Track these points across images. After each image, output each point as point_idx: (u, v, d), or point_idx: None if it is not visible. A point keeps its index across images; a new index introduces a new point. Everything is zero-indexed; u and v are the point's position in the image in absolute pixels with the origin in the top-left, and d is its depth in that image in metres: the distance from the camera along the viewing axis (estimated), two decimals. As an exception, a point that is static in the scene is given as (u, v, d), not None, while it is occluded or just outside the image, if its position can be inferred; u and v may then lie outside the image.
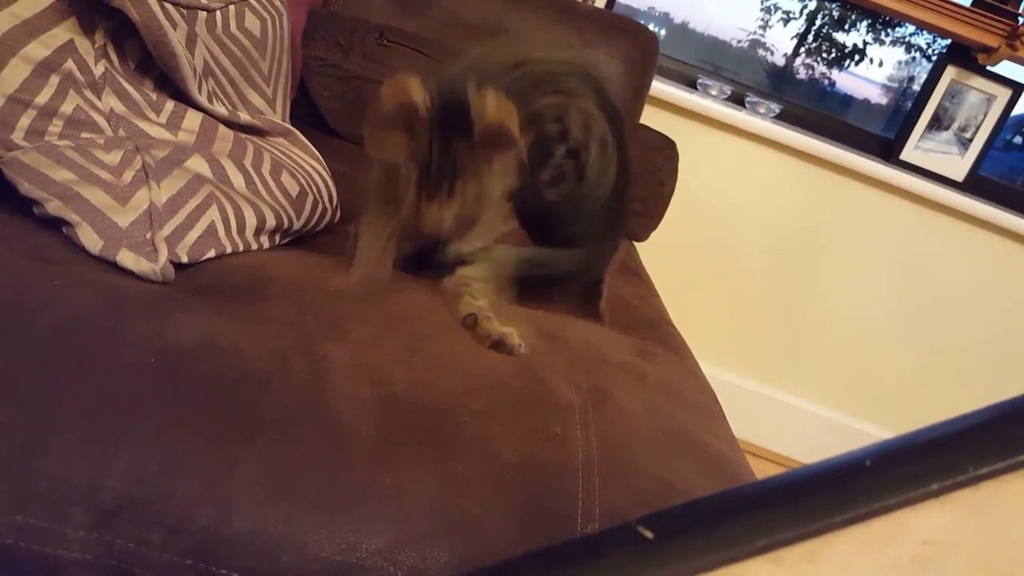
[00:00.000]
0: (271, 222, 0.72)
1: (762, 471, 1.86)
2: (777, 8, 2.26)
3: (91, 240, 0.57)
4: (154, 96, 0.69)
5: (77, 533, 0.42)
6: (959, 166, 1.85)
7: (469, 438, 0.52)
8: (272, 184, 0.75)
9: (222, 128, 0.74)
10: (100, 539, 0.42)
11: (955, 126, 1.84)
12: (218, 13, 0.80)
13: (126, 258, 0.57)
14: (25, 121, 0.60)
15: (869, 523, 0.24)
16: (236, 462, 0.45)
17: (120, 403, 0.46)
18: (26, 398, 0.45)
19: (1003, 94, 1.80)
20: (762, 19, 2.28)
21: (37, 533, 0.42)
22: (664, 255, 1.84)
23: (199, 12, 0.76)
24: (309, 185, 0.82)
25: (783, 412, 2.01)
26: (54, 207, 0.57)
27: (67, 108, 0.61)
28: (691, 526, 0.25)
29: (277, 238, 0.74)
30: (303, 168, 0.84)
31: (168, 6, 0.69)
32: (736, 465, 0.62)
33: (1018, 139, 2.37)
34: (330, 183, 0.88)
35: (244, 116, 0.79)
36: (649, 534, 0.25)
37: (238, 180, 0.70)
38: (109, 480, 0.43)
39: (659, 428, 0.61)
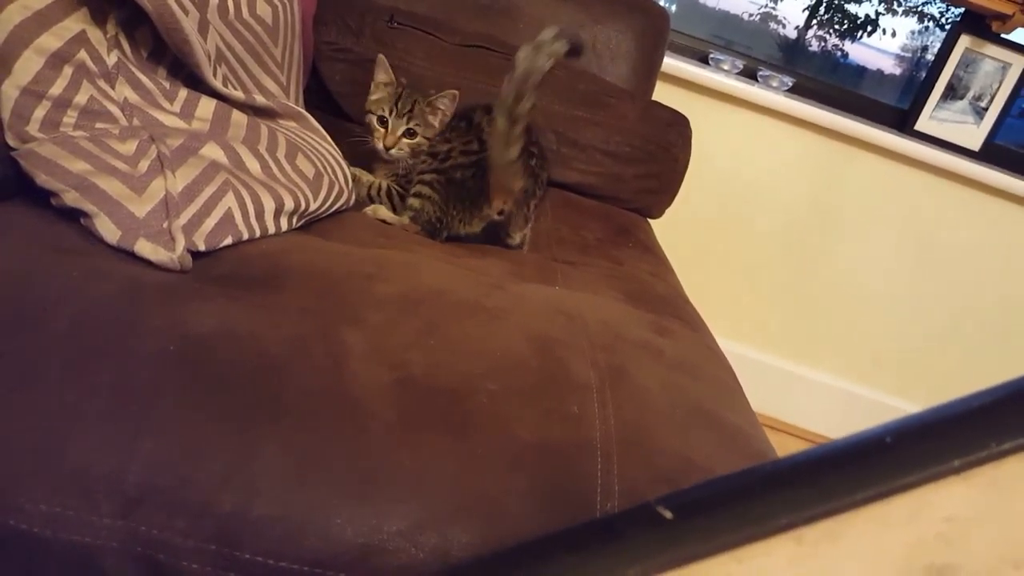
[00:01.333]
0: (289, 204, 0.72)
1: (781, 444, 1.87)
2: (789, -21, 2.22)
3: (109, 230, 0.57)
4: (167, 85, 0.69)
5: (103, 521, 0.43)
6: (975, 135, 1.82)
7: (487, 419, 0.53)
8: (288, 167, 0.75)
9: (236, 114, 0.74)
10: (126, 526, 0.43)
11: (970, 95, 1.81)
12: (229, 0, 0.80)
13: (144, 248, 0.57)
14: (40, 113, 0.60)
15: (891, 500, 0.24)
16: (257, 448, 0.46)
17: (141, 392, 0.47)
18: (49, 389, 0.46)
19: (1018, 62, 1.76)
20: (774, -9, 2.24)
21: (64, 522, 0.43)
22: (679, 231, 1.83)
23: (209, -1, 0.76)
24: (324, 167, 0.82)
25: (801, 385, 2.01)
26: (71, 198, 0.58)
27: (81, 99, 0.62)
28: (711, 506, 0.25)
29: (295, 220, 0.75)
30: (317, 150, 0.84)
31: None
32: (755, 440, 0.62)
33: (1035, 107, 2.33)
34: (344, 164, 0.88)
35: (260, 99, 0.79)
36: (669, 514, 0.25)
37: (253, 165, 0.71)
38: (132, 467, 0.44)
39: (677, 405, 0.61)
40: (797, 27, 2.29)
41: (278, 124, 0.83)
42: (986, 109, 1.81)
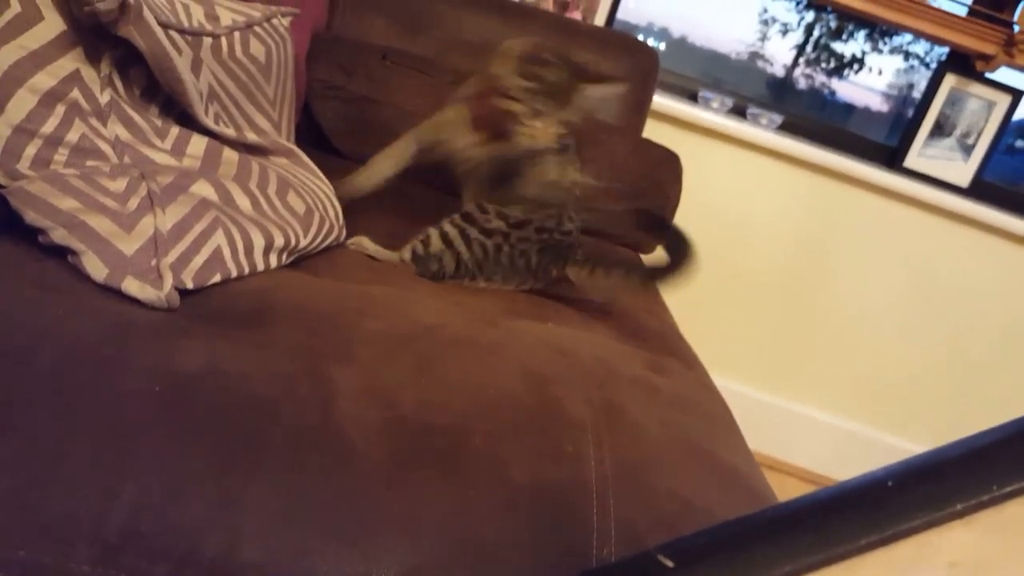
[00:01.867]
0: (279, 241, 0.72)
1: (777, 483, 1.84)
2: (775, 20, 2.26)
3: (96, 268, 0.57)
4: (159, 123, 0.69)
5: (82, 568, 0.42)
6: (963, 172, 1.85)
7: (480, 460, 0.52)
8: (278, 203, 0.75)
9: (227, 152, 0.74)
10: (105, 574, 0.42)
11: (957, 132, 1.83)
12: (223, 39, 0.80)
13: (131, 285, 0.56)
14: (31, 150, 0.60)
15: (894, 546, 0.23)
16: (243, 490, 0.45)
17: (125, 433, 0.46)
18: (30, 429, 0.44)
19: (1003, 100, 1.80)
20: (760, 31, 2.28)
21: (42, 570, 0.41)
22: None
23: (204, 38, 0.76)
24: (315, 203, 0.82)
25: (796, 422, 2.00)
26: (59, 236, 0.57)
27: (73, 137, 0.62)
28: (713, 553, 0.24)
29: (285, 256, 0.74)
30: (308, 187, 0.84)
31: (173, 33, 0.69)
32: (753, 480, 0.61)
33: (1020, 143, 2.37)
34: (335, 201, 0.88)
35: (251, 136, 0.79)
36: (670, 563, 0.24)
37: (244, 202, 0.70)
38: (114, 512, 0.43)
39: (674, 443, 0.60)
40: (785, 66, 2.33)
41: (269, 161, 0.83)
42: (973, 146, 1.83)
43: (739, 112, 1.89)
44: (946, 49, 1.84)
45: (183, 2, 0.76)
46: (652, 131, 1.71)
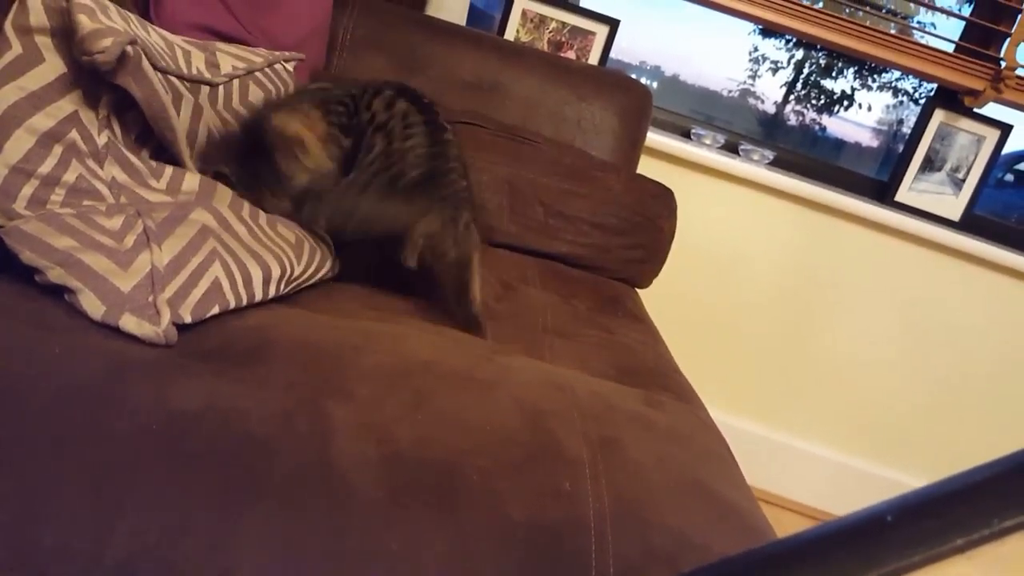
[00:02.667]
0: (276, 271, 0.72)
1: (775, 518, 1.82)
2: (765, 58, 2.31)
3: (93, 306, 0.57)
4: (154, 163, 0.70)
5: (76, 609, 0.41)
6: (954, 205, 1.86)
7: (477, 497, 0.51)
8: (271, 232, 0.75)
9: (220, 187, 0.75)
10: (100, 614, 0.41)
11: (947, 167, 1.86)
12: (221, 88, 0.82)
13: (128, 322, 0.56)
14: (27, 191, 0.60)
15: (895, 581, 0.23)
16: (239, 527, 0.44)
17: (120, 471, 0.45)
18: (25, 466, 0.44)
19: (992, 134, 1.82)
20: (751, 69, 2.33)
21: (35, 611, 0.41)
22: (667, 301, 1.84)
23: (202, 86, 0.77)
24: (304, 234, 0.82)
25: (792, 457, 1.98)
26: (56, 275, 0.57)
27: (70, 177, 0.62)
28: (711, 590, 0.24)
29: (282, 286, 0.74)
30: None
31: (173, 79, 0.70)
32: (751, 515, 0.60)
33: (1010, 177, 2.40)
34: (327, 237, 0.88)
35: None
36: (668, 599, 0.24)
37: (240, 229, 0.71)
38: (108, 551, 0.42)
39: (671, 479, 0.60)
40: (775, 103, 2.37)
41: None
42: (964, 180, 1.85)
43: (731, 148, 1.92)
44: (934, 85, 1.87)
45: (183, 48, 0.77)
46: (646, 167, 1.73)
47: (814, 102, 2.37)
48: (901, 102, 2.34)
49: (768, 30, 2.15)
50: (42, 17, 0.60)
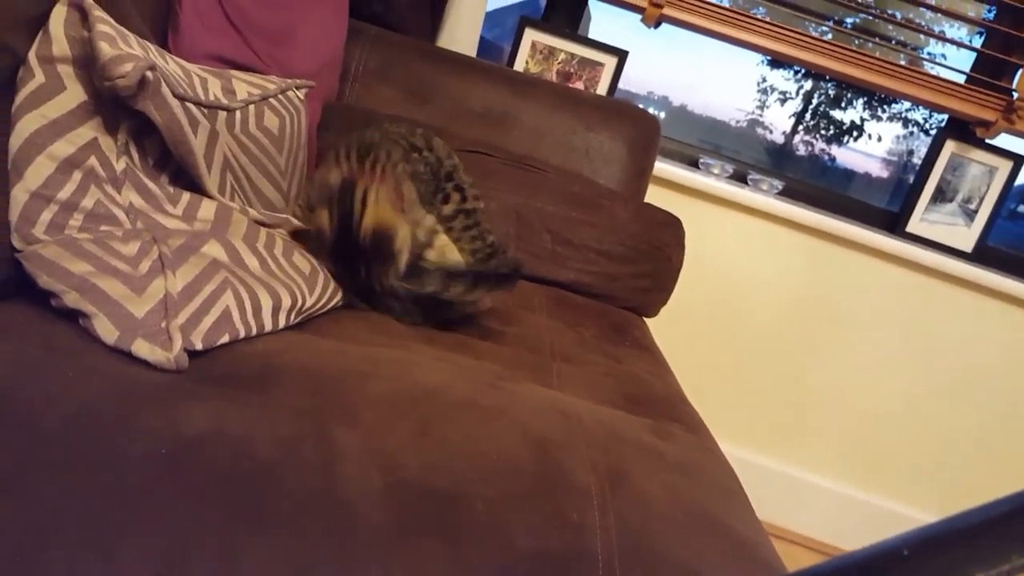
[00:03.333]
0: (286, 301, 0.72)
1: (785, 553, 1.80)
2: (773, 89, 2.33)
3: (107, 331, 0.57)
4: (171, 189, 0.71)
5: (80, 635, 0.41)
6: (966, 236, 1.86)
7: (482, 527, 0.51)
8: (284, 263, 0.76)
9: (236, 215, 0.76)
10: (104, 641, 0.41)
11: (959, 198, 1.85)
12: (238, 113, 0.83)
13: (141, 348, 0.57)
14: (47, 216, 0.61)
15: (907, 618, 0.22)
16: (245, 554, 0.44)
17: (128, 496, 0.45)
18: (35, 491, 0.44)
19: (1004, 166, 1.82)
20: (759, 100, 2.34)
21: (40, 636, 0.40)
22: (676, 331, 1.84)
23: (219, 111, 0.79)
24: (319, 265, 0.83)
25: (801, 489, 1.96)
26: (71, 299, 0.58)
27: (88, 203, 0.63)
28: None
29: (292, 316, 0.75)
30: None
31: (190, 105, 0.72)
32: (762, 549, 0.60)
33: (1023, 208, 2.39)
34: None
35: (253, 213, 0.81)
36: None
37: (252, 262, 0.71)
38: (114, 575, 0.42)
39: (681, 511, 0.59)
40: (784, 133, 2.38)
41: (274, 229, 0.84)
42: (976, 211, 1.85)
43: (740, 178, 1.92)
44: (945, 116, 1.88)
45: (200, 76, 0.78)
46: (654, 196, 1.73)
47: (823, 132, 2.38)
48: (911, 132, 2.34)
49: (777, 61, 2.17)
50: (64, 47, 0.62)
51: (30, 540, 0.42)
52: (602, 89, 1.78)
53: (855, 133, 2.35)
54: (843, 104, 2.36)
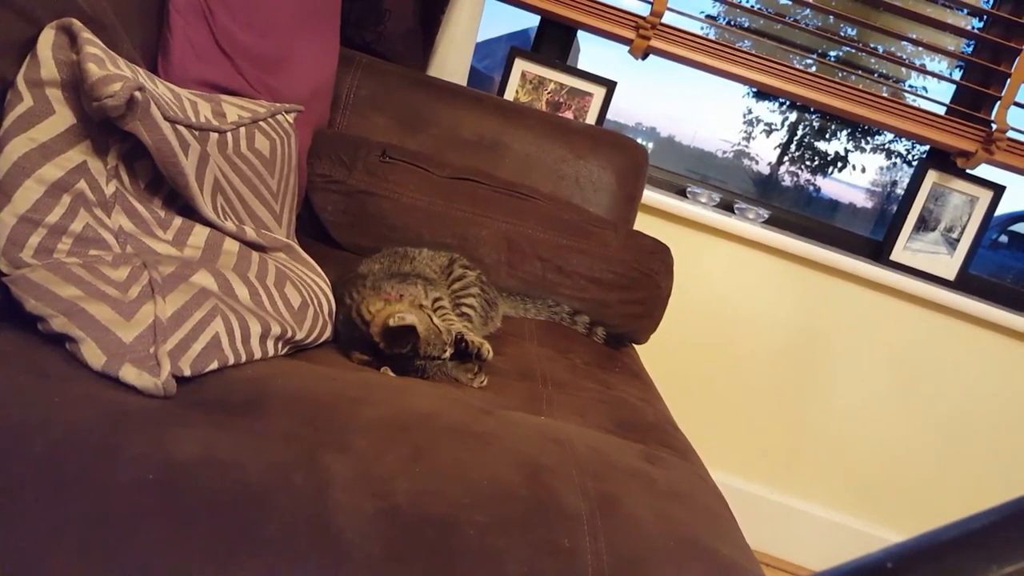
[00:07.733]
0: (276, 330, 0.72)
1: (774, 581, 1.78)
2: (759, 120, 2.36)
3: (94, 356, 0.57)
4: (162, 214, 0.71)
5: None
6: (949, 265, 1.88)
7: (474, 553, 0.50)
8: (276, 295, 0.76)
9: (228, 242, 0.75)
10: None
11: (941, 227, 1.88)
12: (229, 135, 0.83)
13: (129, 373, 0.56)
14: (35, 240, 0.61)
15: (898, 635, 0.22)
16: (233, 584, 0.44)
17: (118, 522, 0.45)
18: (24, 518, 0.44)
19: (985, 195, 1.85)
20: (745, 131, 2.38)
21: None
22: (664, 358, 1.84)
23: (211, 133, 0.79)
24: (310, 297, 0.83)
25: (789, 517, 1.95)
26: (59, 323, 0.58)
27: (77, 226, 0.63)
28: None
29: (281, 345, 0.75)
30: (304, 281, 0.85)
31: (181, 128, 0.72)
32: (751, 575, 0.59)
33: (1004, 238, 2.43)
34: (330, 296, 0.89)
35: (249, 232, 0.81)
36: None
37: (243, 292, 0.71)
38: (99, 606, 0.41)
39: (671, 537, 0.59)
40: (770, 163, 2.42)
41: (268, 254, 0.84)
42: (958, 240, 1.88)
43: (726, 207, 1.94)
44: (927, 147, 1.91)
45: (190, 99, 0.79)
46: (643, 224, 1.75)
47: (808, 163, 2.42)
48: (894, 163, 2.38)
49: (762, 92, 2.21)
50: (52, 70, 0.62)
51: (19, 567, 0.42)
52: (591, 119, 1.81)
53: (839, 164, 2.39)
54: (827, 135, 2.40)
